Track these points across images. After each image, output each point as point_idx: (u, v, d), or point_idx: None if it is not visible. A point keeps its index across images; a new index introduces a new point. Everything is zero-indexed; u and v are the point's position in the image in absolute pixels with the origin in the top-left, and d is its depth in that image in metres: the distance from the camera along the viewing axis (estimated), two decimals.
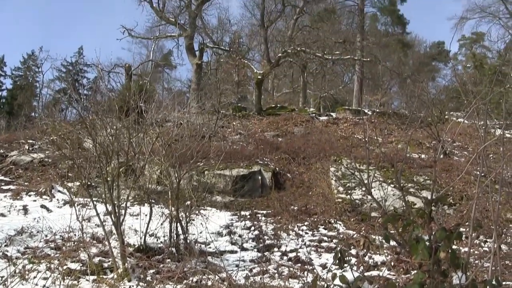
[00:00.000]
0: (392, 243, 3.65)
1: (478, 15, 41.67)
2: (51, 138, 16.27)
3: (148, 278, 7.67)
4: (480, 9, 41.02)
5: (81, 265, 8.02)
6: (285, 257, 9.59)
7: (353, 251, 9.48)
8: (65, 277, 7.05)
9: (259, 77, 29.71)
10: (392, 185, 12.30)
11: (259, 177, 15.22)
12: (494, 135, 15.53)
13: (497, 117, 16.90)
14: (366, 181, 4.28)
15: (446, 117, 23.48)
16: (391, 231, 3.64)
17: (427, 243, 3.12)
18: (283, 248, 10.12)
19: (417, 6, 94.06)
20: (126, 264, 7.86)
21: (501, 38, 41.60)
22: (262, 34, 32.39)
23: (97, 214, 8.47)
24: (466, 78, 29.39)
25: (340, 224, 12.03)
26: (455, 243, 3.19)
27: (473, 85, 24.78)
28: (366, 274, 7.66)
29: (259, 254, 9.63)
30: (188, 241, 9.42)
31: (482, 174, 4.55)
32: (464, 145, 20.96)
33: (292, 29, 33.76)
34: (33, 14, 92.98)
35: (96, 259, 8.40)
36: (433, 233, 3.14)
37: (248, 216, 12.71)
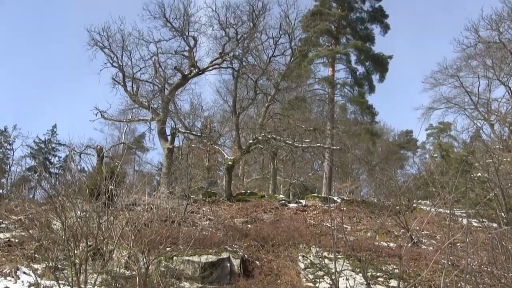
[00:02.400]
0: None
1: (444, 106, 43.03)
2: (19, 217, 16.07)
3: None
4: (446, 100, 42.38)
5: None
6: None
7: None
8: None
9: (229, 163, 29.91)
10: (361, 274, 12.32)
11: (228, 264, 15.10)
12: (461, 223, 15.73)
13: (463, 206, 17.16)
14: (333, 271, 4.36)
15: (414, 205, 23.75)
16: None
17: None
18: None
19: (386, 96, 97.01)
20: None
21: (466, 128, 42.75)
22: (233, 120, 32.76)
23: None
24: (433, 167, 29.95)
25: None
26: None
27: (440, 175, 25.27)
28: None
29: None
30: None
31: (449, 263, 4.67)
32: (432, 233, 21.09)
33: (263, 116, 34.15)
34: (8, 91, 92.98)
35: None
36: None
37: None
